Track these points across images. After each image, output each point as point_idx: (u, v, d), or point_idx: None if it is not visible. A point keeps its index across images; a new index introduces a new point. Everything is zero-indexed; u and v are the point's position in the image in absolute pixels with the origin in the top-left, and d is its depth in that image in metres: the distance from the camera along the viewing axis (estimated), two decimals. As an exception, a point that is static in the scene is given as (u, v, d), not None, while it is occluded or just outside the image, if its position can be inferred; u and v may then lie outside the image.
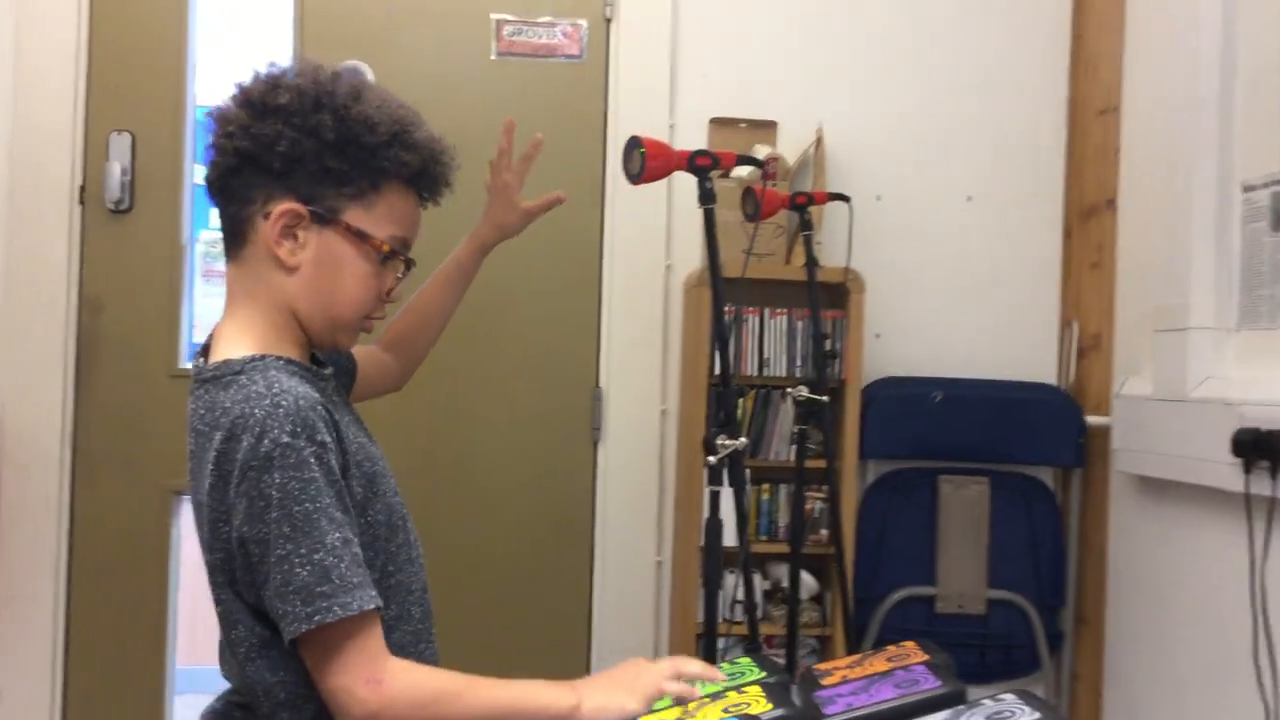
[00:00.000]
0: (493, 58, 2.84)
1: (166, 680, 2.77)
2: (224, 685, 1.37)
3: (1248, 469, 2.07)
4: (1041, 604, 2.78)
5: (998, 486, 2.79)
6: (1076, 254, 2.93)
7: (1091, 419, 2.79)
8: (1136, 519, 2.63)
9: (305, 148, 1.27)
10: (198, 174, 2.84)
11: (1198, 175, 2.34)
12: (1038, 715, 1.38)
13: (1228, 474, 2.14)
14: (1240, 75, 2.31)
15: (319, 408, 1.22)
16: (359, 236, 1.31)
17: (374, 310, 1.36)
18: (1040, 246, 2.97)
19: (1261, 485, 2.04)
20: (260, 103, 1.27)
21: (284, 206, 1.28)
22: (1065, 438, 2.79)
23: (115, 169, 2.69)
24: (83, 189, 2.70)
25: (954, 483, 2.78)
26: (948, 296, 2.94)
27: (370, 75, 1.33)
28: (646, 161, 1.83)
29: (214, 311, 3.02)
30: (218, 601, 1.27)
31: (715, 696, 1.48)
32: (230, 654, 1.28)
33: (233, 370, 1.25)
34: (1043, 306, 2.97)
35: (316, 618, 1.16)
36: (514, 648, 2.78)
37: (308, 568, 1.16)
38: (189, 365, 2.73)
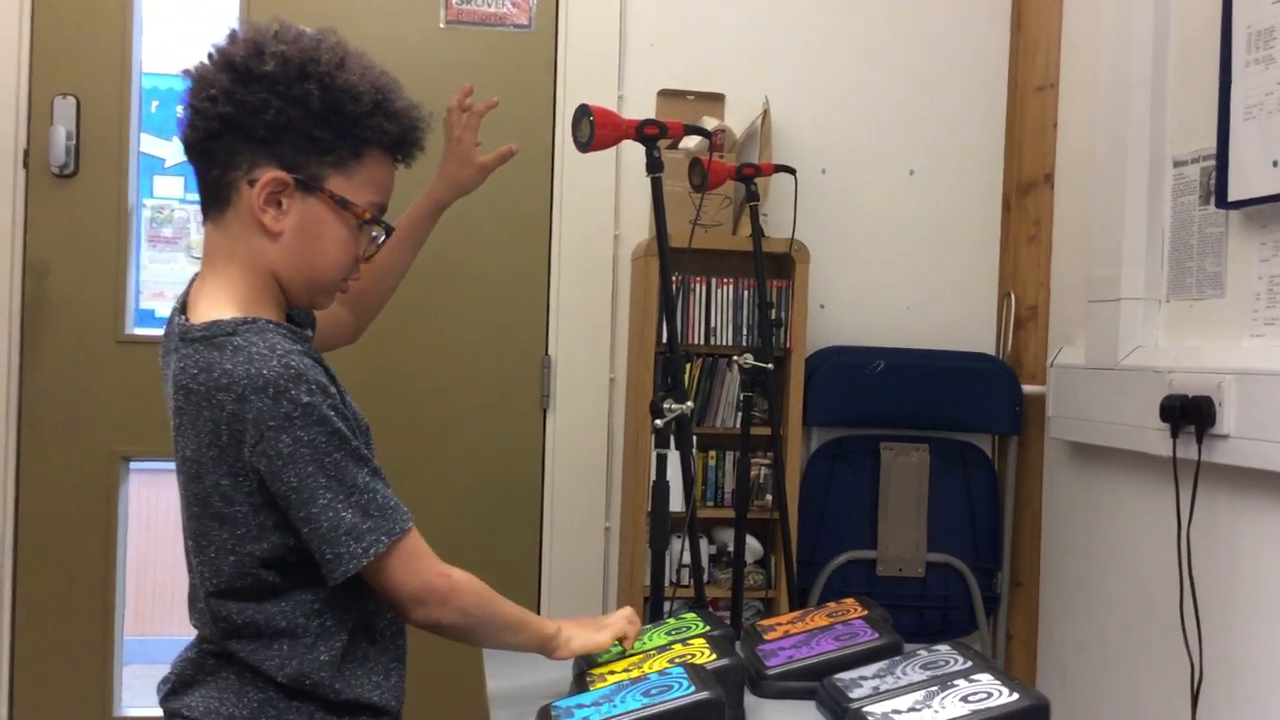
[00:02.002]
0: (441, 26, 2.84)
1: (115, 649, 2.77)
2: (174, 653, 1.39)
3: (1174, 434, 2.15)
4: (978, 567, 2.86)
5: (937, 453, 2.86)
6: (1014, 227, 3.00)
7: (1028, 388, 2.87)
8: (1070, 484, 2.71)
9: (291, 116, 1.28)
10: (144, 140, 2.83)
11: (1131, 150, 2.41)
12: (970, 664, 1.44)
13: (1156, 439, 2.22)
14: (1172, 54, 2.38)
15: (319, 366, 1.29)
16: (341, 204, 1.33)
17: (350, 273, 1.39)
18: (980, 219, 3.04)
19: (1187, 449, 2.12)
20: (244, 68, 1.27)
21: (270, 175, 1.29)
22: (1003, 406, 2.87)
23: (60, 133, 2.67)
24: (26, 153, 2.67)
25: (895, 450, 2.85)
26: (890, 268, 3.00)
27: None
28: (595, 129, 1.85)
29: (161, 278, 3.02)
30: (229, 551, 1.29)
31: (662, 649, 1.53)
32: (230, 599, 1.30)
33: (224, 331, 1.27)
34: (982, 278, 3.04)
35: (372, 550, 1.27)
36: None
37: (350, 510, 1.26)
38: (137, 331, 2.75)
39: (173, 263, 3.18)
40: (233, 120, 1.28)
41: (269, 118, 1.27)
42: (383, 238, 1.41)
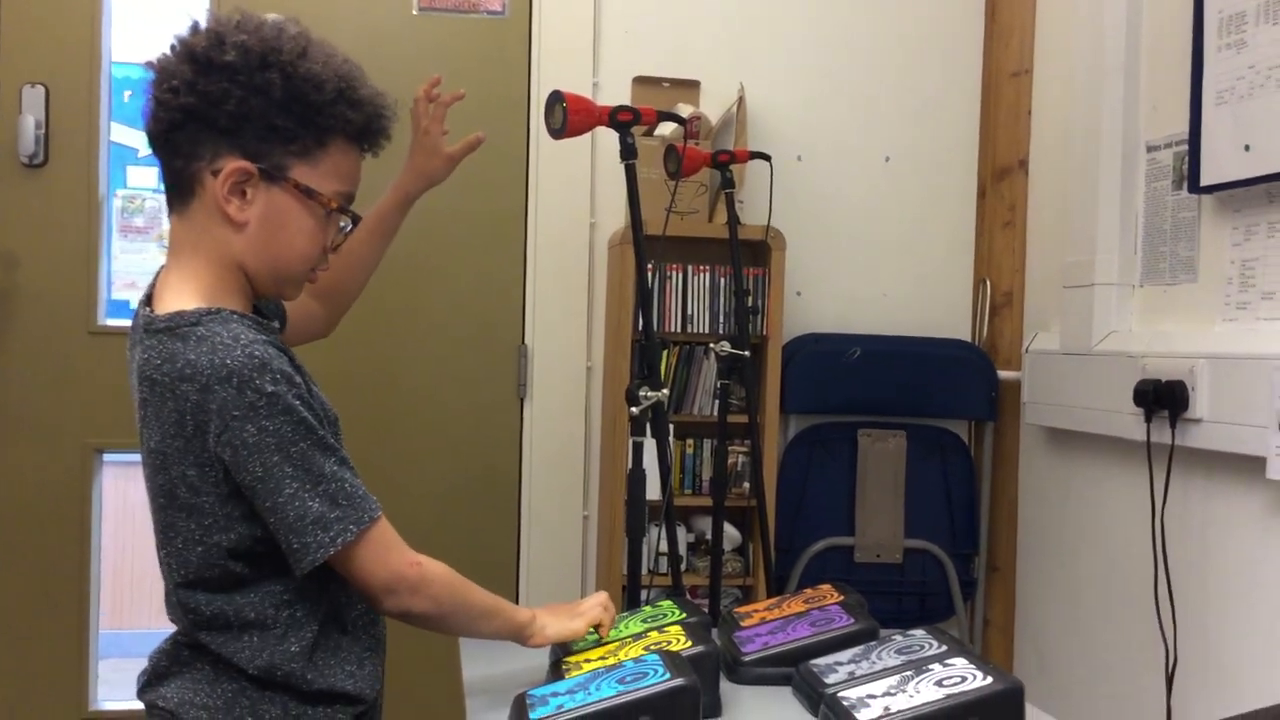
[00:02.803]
0: (414, 13, 2.82)
1: (90, 643, 2.75)
2: (152, 646, 1.39)
3: (1148, 418, 2.16)
4: (955, 552, 2.87)
5: (914, 440, 2.87)
6: (990, 213, 3.01)
7: (1003, 373, 2.88)
8: (1045, 469, 2.72)
9: (253, 106, 1.27)
10: (118, 130, 2.80)
11: (1105, 136, 2.42)
12: (944, 648, 1.45)
13: (1130, 424, 2.23)
14: (1145, 39, 2.38)
15: (284, 356, 1.28)
16: (306, 193, 1.32)
17: (318, 264, 1.39)
18: (955, 206, 3.05)
19: (1161, 434, 2.13)
20: (205, 59, 1.27)
21: (233, 165, 1.28)
22: (978, 392, 2.88)
23: (29, 122, 2.64)
24: (-5, 143, 2.65)
25: (872, 436, 2.85)
26: (866, 255, 3.00)
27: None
28: (568, 116, 1.85)
29: (133, 269, 2.99)
30: (195, 543, 1.29)
31: (638, 636, 1.53)
32: (198, 591, 1.30)
33: (188, 322, 1.26)
34: (957, 265, 3.05)
35: (340, 540, 1.26)
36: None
37: (317, 500, 1.25)
38: (110, 322, 2.73)
39: (144, 253, 3.15)
40: (195, 111, 1.27)
41: (231, 107, 1.27)
42: (350, 227, 1.40)
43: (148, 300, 1.35)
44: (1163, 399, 2.11)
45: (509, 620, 1.46)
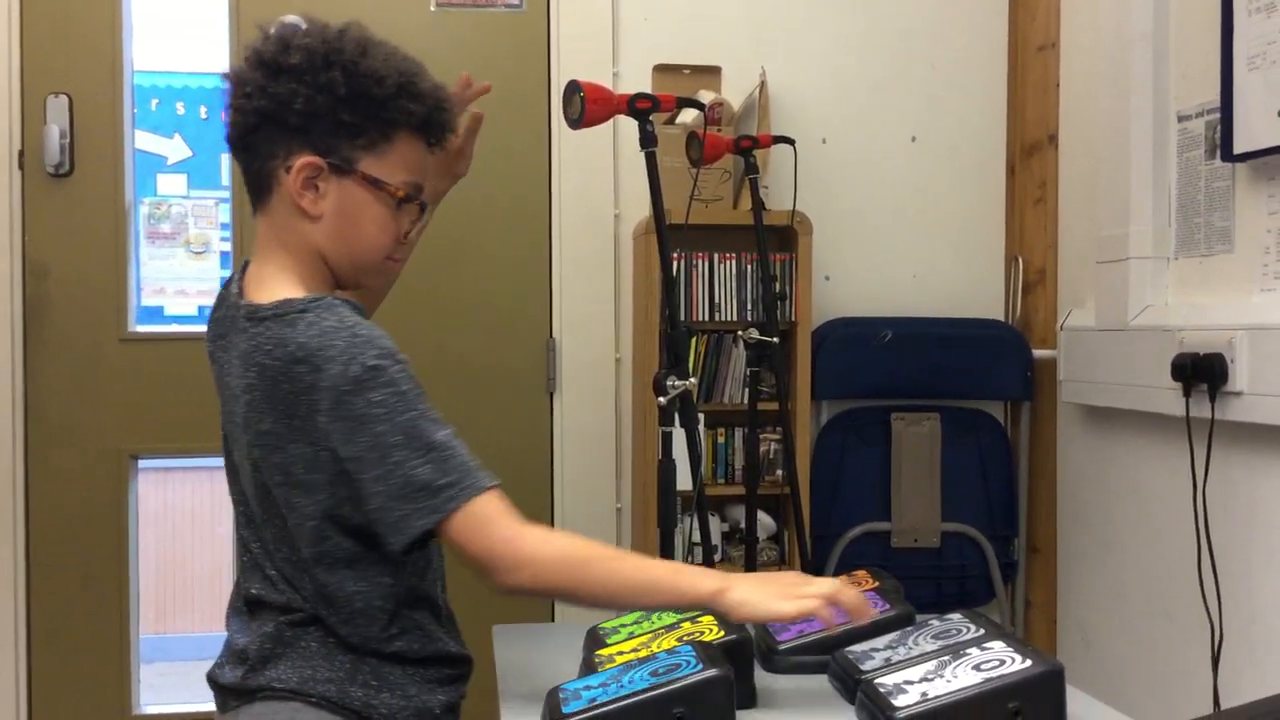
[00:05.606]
0: (433, 9, 2.82)
1: (131, 648, 2.77)
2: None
3: (1187, 392, 2.12)
4: (994, 535, 2.84)
5: (949, 422, 2.83)
6: (1019, 190, 2.97)
7: (1038, 352, 2.84)
8: (1084, 448, 2.68)
9: (320, 104, 1.35)
10: (145, 138, 2.82)
11: (1134, 107, 2.38)
12: (982, 632, 1.42)
13: (1168, 399, 2.19)
14: (1173, 7, 2.34)
15: (387, 336, 1.35)
16: (375, 184, 1.40)
17: (394, 252, 1.46)
18: (984, 184, 3.00)
19: (1200, 408, 2.10)
20: (274, 63, 1.35)
21: (304, 160, 1.36)
22: (1013, 372, 2.84)
23: (54, 132, 2.65)
24: (21, 153, 2.66)
25: (906, 420, 2.82)
26: (894, 237, 2.97)
27: (304, 27, 1.38)
28: (586, 105, 1.83)
29: (161, 275, 3.01)
30: (308, 517, 1.35)
31: (670, 627, 1.51)
32: (313, 566, 1.36)
33: (296, 309, 1.34)
34: (988, 243, 3.01)
35: (449, 505, 1.29)
36: (475, 600, 2.80)
37: (427, 466, 1.29)
38: (140, 328, 2.75)
39: (173, 259, 3.17)
40: (267, 113, 1.36)
41: (299, 106, 1.35)
42: (420, 216, 1.48)
43: (240, 293, 1.42)
44: (1201, 372, 2.08)
45: (683, 595, 1.35)
